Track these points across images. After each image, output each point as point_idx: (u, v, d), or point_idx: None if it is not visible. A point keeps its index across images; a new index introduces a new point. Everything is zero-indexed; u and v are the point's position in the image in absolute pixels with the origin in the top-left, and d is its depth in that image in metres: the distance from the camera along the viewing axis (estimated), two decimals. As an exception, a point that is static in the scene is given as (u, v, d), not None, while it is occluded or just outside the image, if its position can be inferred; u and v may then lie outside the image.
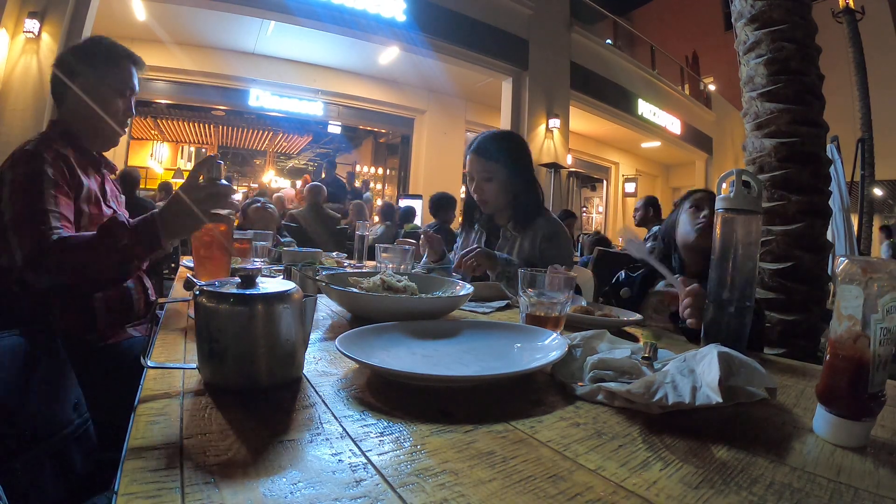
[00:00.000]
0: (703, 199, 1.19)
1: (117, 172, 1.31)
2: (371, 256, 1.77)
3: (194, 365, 0.52)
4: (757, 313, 0.83)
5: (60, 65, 1.17)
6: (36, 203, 0.99)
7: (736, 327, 0.71)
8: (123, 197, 1.37)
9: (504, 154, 1.48)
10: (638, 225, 4.29)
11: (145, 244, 0.92)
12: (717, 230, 0.72)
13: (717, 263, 0.72)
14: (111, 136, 1.23)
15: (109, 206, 1.23)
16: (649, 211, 4.19)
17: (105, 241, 0.92)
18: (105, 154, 1.28)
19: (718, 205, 0.72)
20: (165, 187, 5.00)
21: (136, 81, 1.24)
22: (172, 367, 0.55)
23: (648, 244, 4.04)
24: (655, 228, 3.94)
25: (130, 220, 0.95)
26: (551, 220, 1.49)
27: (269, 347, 0.49)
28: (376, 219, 5.47)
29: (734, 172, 0.71)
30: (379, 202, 7.13)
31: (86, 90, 1.16)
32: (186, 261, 1.42)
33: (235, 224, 1.42)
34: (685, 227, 1.17)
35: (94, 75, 1.16)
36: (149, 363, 0.52)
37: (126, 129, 1.26)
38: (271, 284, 0.52)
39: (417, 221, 5.54)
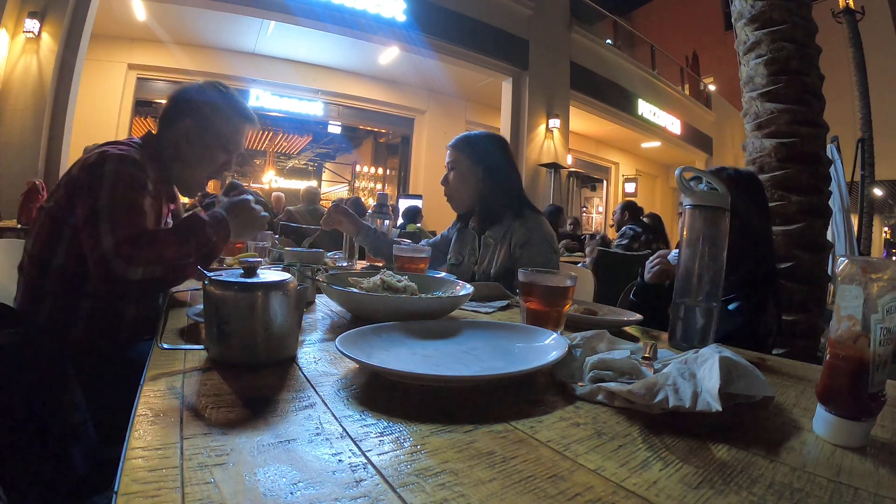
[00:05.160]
0: None
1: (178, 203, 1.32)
2: (362, 256, 1.77)
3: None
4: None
5: (186, 96, 1.15)
6: (136, 200, 0.99)
7: (703, 327, 0.71)
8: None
9: (471, 146, 1.47)
10: (616, 227, 4.52)
11: (222, 238, 1.04)
12: (685, 228, 0.72)
13: (682, 263, 0.72)
14: (193, 186, 1.22)
15: None
16: (625, 215, 4.57)
17: (191, 237, 1.00)
18: None
19: (685, 201, 0.72)
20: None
21: (242, 142, 1.23)
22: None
23: (625, 241, 4.16)
24: (626, 228, 4.14)
25: (204, 216, 1.04)
26: (529, 224, 1.41)
27: (268, 328, 0.56)
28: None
29: (688, 169, 0.73)
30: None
31: (196, 133, 1.15)
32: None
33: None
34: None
35: (211, 124, 1.15)
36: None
37: (208, 184, 1.28)
38: (270, 275, 0.59)
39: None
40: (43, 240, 1.02)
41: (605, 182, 11.94)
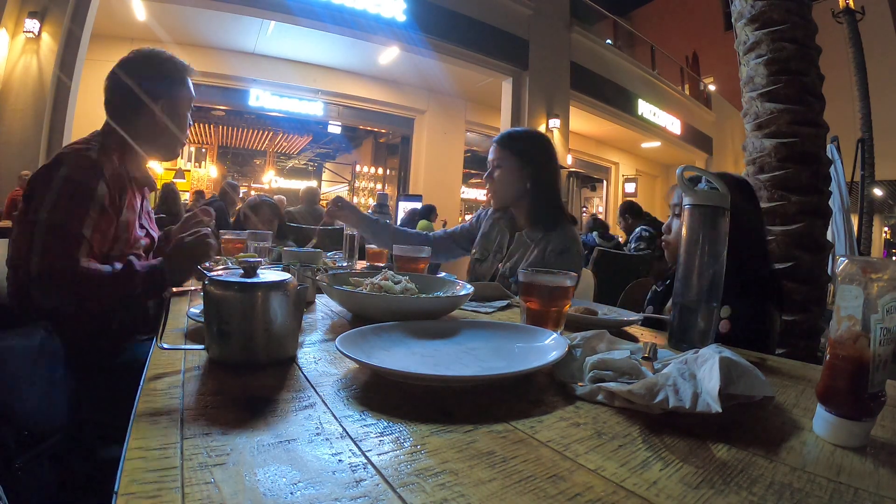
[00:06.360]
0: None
1: (155, 187, 1.34)
2: (362, 256, 1.77)
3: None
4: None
5: (125, 75, 1.16)
6: (74, 223, 0.99)
7: (703, 328, 0.71)
8: (153, 213, 1.40)
9: (517, 144, 1.46)
10: (627, 231, 4.35)
11: (153, 291, 1.01)
12: (684, 228, 0.72)
13: (682, 263, 0.72)
14: (174, 149, 1.26)
15: (143, 227, 1.24)
16: (628, 219, 4.32)
17: (118, 286, 0.99)
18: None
19: (685, 201, 0.72)
20: (167, 190, 5.01)
21: (193, 92, 1.27)
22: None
23: (642, 244, 3.95)
24: (640, 230, 3.93)
25: (143, 266, 1.01)
26: (568, 233, 1.41)
27: (268, 328, 0.56)
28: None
29: (689, 168, 0.72)
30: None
31: (167, 104, 1.17)
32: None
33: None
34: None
35: (166, 91, 1.18)
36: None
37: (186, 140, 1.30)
38: (270, 275, 0.59)
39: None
40: (16, 246, 1.03)
41: (605, 182, 11.94)
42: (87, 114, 5.67)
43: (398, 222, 6.48)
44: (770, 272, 1.08)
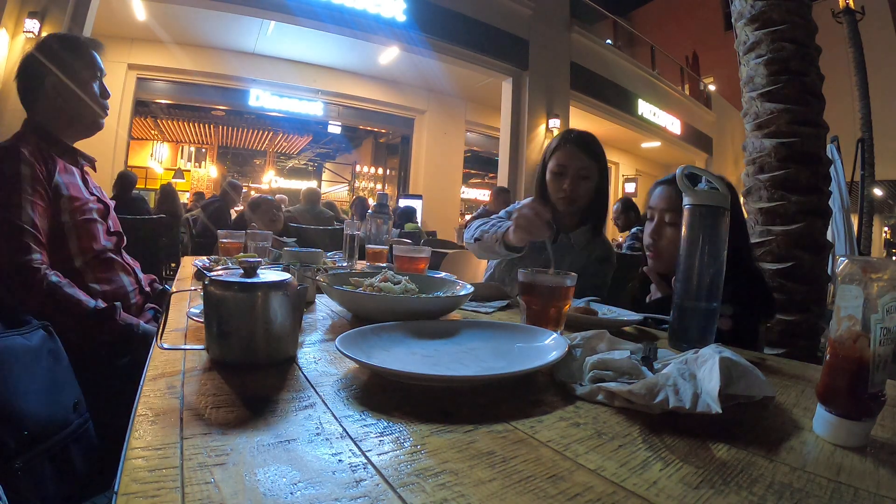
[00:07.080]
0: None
1: (95, 165, 1.34)
2: (362, 256, 1.77)
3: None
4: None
5: (26, 68, 1.20)
6: (13, 215, 1.01)
7: (703, 328, 0.71)
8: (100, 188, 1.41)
9: (601, 157, 1.45)
10: (622, 231, 4.14)
11: (120, 345, 1.08)
12: (684, 227, 0.72)
13: (682, 263, 0.72)
14: (93, 120, 1.26)
15: (92, 193, 1.26)
16: (630, 215, 4.00)
17: (65, 308, 1.03)
18: (103, 154, 1.29)
19: (685, 201, 0.72)
20: (166, 190, 5.03)
21: (101, 64, 1.28)
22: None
23: (638, 243, 3.84)
24: (636, 229, 3.75)
25: (124, 318, 1.10)
26: (607, 243, 1.51)
27: (268, 328, 0.56)
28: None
29: (689, 168, 0.72)
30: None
31: (59, 82, 1.19)
32: (199, 260, 1.43)
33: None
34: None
35: (64, 67, 1.19)
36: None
37: (107, 111, 1.29)
38: (270, 275, 0.59)
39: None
40: None
41: (605, 182, 11.92)
42: (87, 114, 5.68)
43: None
44: (755, 270, 1.08)
